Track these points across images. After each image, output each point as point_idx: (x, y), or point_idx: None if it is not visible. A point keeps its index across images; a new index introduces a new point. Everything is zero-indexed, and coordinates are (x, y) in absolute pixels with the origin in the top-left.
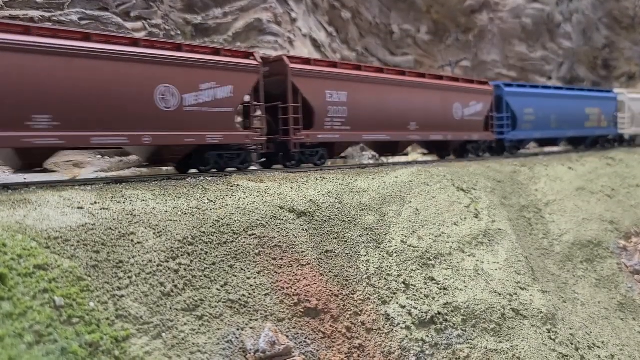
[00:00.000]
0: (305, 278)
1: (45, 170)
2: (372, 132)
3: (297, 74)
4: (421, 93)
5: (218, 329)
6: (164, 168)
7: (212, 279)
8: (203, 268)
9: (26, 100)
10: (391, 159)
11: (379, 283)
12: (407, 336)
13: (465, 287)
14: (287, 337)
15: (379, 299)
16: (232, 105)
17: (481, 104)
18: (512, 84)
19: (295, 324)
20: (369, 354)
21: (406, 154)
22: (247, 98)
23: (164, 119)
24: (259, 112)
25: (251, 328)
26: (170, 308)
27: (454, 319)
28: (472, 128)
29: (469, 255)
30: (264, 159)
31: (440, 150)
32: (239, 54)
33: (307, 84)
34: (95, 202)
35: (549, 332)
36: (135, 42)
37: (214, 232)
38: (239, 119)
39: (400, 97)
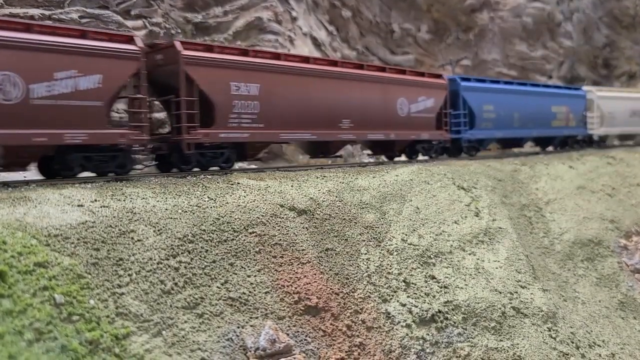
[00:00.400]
0: (305, 276)
1: None
2: (293, 130)
3: (192, 63)
4: (357, 87)
5: (218, 327)
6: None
7: (213, 276)
8: (203, 266)
9: None
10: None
11: (379, 281)
12: (407, 334)
13: (466, 285)
14: (288, 335)
15: (379, 297)
16: (101, 98)
17: (432, 99)
18: (470, 77)
19: (296, 322)
20: (370, 352)
21: (340, 156)
22: (130, 91)
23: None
24: (144, 106)
25: (251, 326)
26: (171, 306)
27: (454, 317)
28: (421, 126)
29: (470, 254)
30: (155, 162)
31: (386, 151)
32: (116, 37)
33: (206, 75)
34: (96, 200)
35: (550, 331)
36: None
37: (214, 230)
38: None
39: (330, 91)
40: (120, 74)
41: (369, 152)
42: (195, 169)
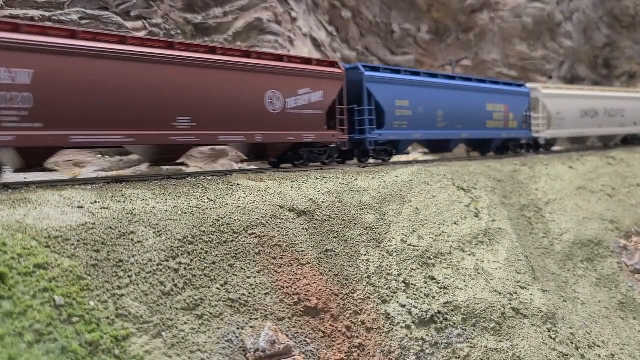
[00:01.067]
0: (305, 277)
1: None
2: (94, 131)
3: None
4: (202, 75)
5: (218, 328)
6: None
7: (212, 278)
8: (203, 267)
9: None
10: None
11: (379, 282)
12: (407, 335)
13: (466, 286)
14: (287, 336)
15: (379, 298)
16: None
17: (320, 92)
18: (379, 67)
19: (295, 323)
20: (369, 353)
21: (185, 164)
22: None
23: None
24: None
25: (251, 327)
26: (170, 307)
27: (454, 318)
28: (304, 125)
29: (469, 255)
30: None
31: (261, 156)
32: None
33: None
34: (96, 202)
35: (549, 331)
36: None
37: (214, 232)
38: None
39: (157, 81)
40: None
41: (245, 158)
42: None
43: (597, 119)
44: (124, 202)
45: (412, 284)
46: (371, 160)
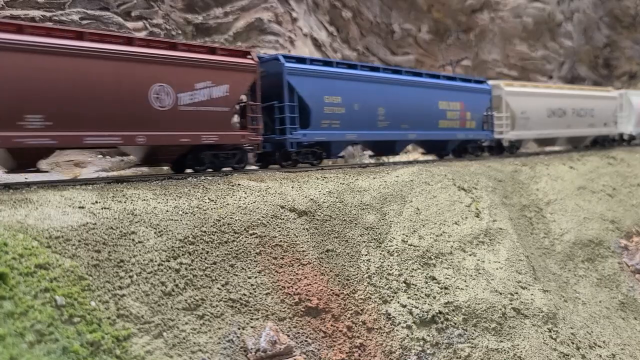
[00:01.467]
0: (306, 277)
1: None
2: None
3: None
4: (61, 65)
5: (219, 328)
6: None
7: (213, 278)
8: (204, 267)
9: None
10: (391, 159)
11: (379, 282)
12: (408, 335)
13: (466, 286)
14: (288, 336)
15: (379, 298)
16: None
17: (225, 86)
18: (305, 58)
19: (296, 323)
20: (370, 353)
21: (44, 171)
22: None
23: None
24: None
25: (252, 327)
26: (171, 307)
27: (454, 318)
28: (205, 125)
29: (470, 255)
30: None
31: (152, 161)
32: None
33: None
34: (97, 202)
35: (550, 332)
36: None
37: (215, 232)
38: None
39: None
40: None
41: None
42: None
43: (565, 119)
44: (125, 202)
45: (413, 284)
46: (298, 164)
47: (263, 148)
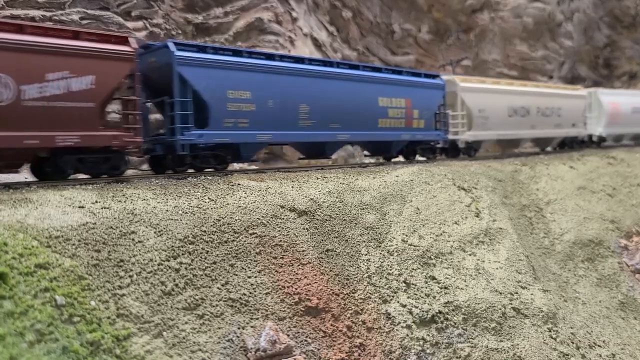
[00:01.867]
0: (306, 277)
1: None
2: None
3: None
4: None
5: (219, 328)
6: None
7: (213, 277)
8: (204, 267)
9: None
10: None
11: (379, 282)
12: (407, 335)
13: (466, 286)
14: (288, 335)
15: (379, 298)
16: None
17: (90, 77)
18: (205, 46)
19: (296, 322)
20: (370, 352)
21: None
22: None
23: None
24: None
25: (252, 327)
26: (171, 307)
27: (454, 317)
28: (61, 124)
29: (470, 254)
30: None
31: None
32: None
33: None
34: (96, 201)
35: (550, 331)
36: None
37: (215, 231)
38: None
39: None
40: None
41: None
42: None
43: (528, 118)
44: (124, 201)
45: (412, 284)
46: (197, 169)
47: (153, 151)
